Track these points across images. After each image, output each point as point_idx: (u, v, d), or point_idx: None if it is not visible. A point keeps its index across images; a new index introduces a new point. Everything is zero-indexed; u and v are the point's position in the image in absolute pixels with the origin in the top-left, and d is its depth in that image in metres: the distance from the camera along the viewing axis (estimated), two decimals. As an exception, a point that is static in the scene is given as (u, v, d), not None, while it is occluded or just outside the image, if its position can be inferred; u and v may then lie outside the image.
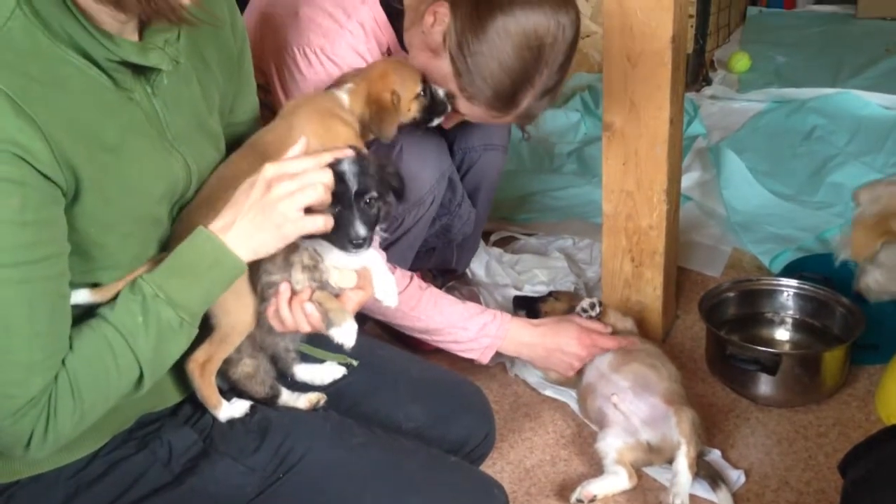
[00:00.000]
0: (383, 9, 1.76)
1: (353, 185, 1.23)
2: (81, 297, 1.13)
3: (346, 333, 1.28)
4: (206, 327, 1.27)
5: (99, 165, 1.08)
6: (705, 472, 1.68)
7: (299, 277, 1.29)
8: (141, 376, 1.13)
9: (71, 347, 1.08)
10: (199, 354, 1.28)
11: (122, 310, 1.12)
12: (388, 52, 1.79)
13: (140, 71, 1.15)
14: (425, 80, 1.66)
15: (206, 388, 1.30)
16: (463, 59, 1.61)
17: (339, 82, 1.62)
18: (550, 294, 2.15)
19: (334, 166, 1.22)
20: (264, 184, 1.17)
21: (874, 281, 2.08)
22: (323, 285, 1.31)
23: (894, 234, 2.03)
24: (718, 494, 1.66)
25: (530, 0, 1.58)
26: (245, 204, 1.17)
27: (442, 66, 1.65)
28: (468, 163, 2.15)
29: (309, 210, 1.18)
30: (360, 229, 1.23)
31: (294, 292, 1.29)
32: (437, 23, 1.63)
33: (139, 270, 1.17)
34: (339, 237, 1.23)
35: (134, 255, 1.17)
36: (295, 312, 1.29)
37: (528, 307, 2.11)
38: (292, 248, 1.27)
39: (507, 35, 1.57)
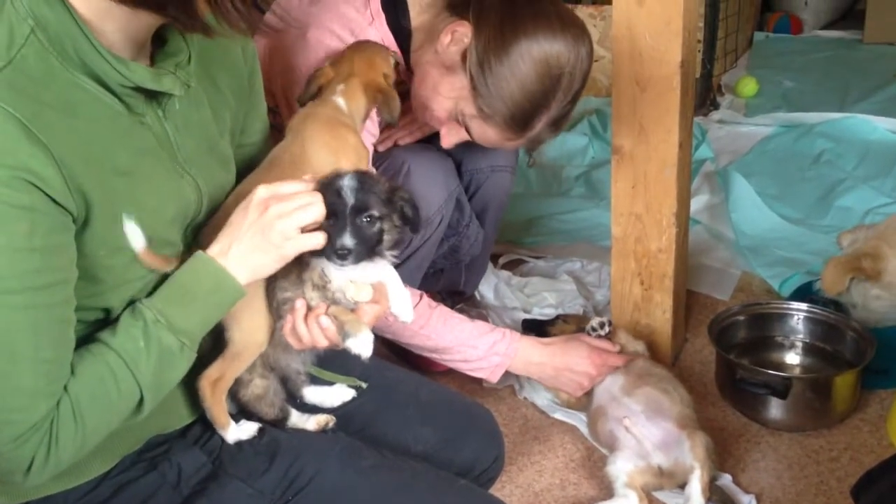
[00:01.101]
0: (390, 28, 1.77)
1: (350, 200, 1.23)
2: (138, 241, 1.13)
3: (363, 344, 1.27)
4: (220, 344, 1.27)
5: (110, 190, 1.08)
6: (718, 497, 1.67)
7: (312, 294, 1.29)
8: (141, 400, 1.13)
9: (73, 373, 1.08)
10: (212, 372, 1.28)
11: (123, 335, 1.11)
12: (397, 72, 1.80)
13: (152, 96, 1.15)
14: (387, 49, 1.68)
15: (216, 406, 1.29)
16: (483, 79, 1.62)
17: (319, 80, 1.59)
18: (559, 317, 2.14)
19: (334, 180, 1.23)
20: (260, 204, 1.17)
21: (854, 311, 2.16)
22: (336, 301, 1.31)
23: (863, 271, 2.13)
24: None
25: (553, 27, 1.61)
26: (242, 225, 1.17)
27: (455, 83, 1.67)
28: (476, 184, 2.16)
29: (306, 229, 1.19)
30: (346, 240, 1.22)
31: (310, 308, 1.29)
32: (454, 42, 1.65)
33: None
34: (327, 248, 1.23)
35: (141, 275, 1.16)
36: (311, 327, 1.29)
37: (537, 330, 2.11)
38: (304, 266, 1.28)
39: (530, 59, 1.60)
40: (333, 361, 1.48)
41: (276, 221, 1.16)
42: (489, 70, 1.61)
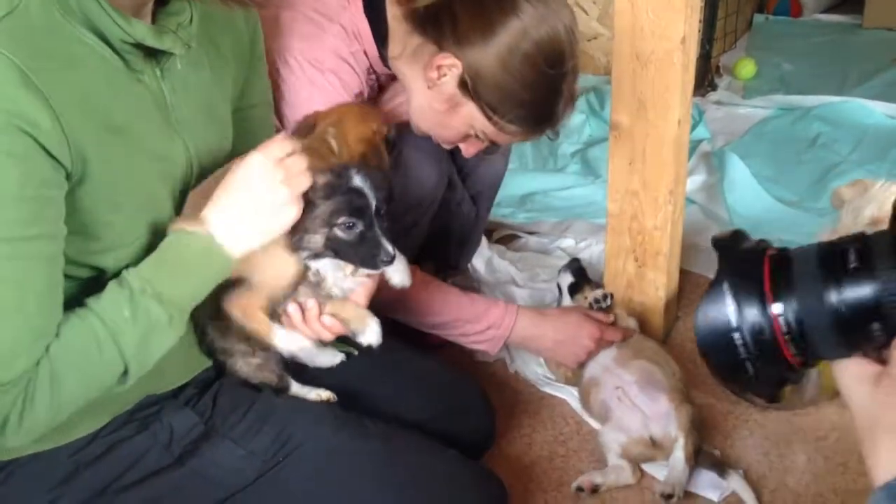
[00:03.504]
0: (367, 17, 1.70)
1: (372, 201, 1.24)
2: None
3: (371, 334, 1.31)
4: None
5: (106, 145, 1.07)
6: (710, 461, 1.69)
7: (304, 291, 1.30)
8: (125, 371, 1.10)
9: (57, 334, 1.05)
10: (239, 300, 1.26)
11: (108, 303, 1.09)
12: (370, 64, 1.75)
13: (151, 54, 1.15)
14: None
15: (254, 324, 1.27)
16: (491, 99, 1.57)
17: (310, 120, 1.59)
18: (600, 287, 2.08)
19: (347, 179, 1.24)
20: (260, 169, 1.15)
21: None
22: (330, 295, 1.32)
23: None
24: (730, 481, 1.67)
25: (532, 14, 1.53)
26: (239, 190, 1.16)
27: (463, 112, 1.62)
28: (469, 168, 2.15)
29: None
30: (389, 247, 1.25)
31: (304, 309, 1.30)
32: (443, 73, 1.58)
33: None
34: (368, 256, 1.25)
35: (137, 235, 1.16)
36: (312, 327, 1.30)
37: (578, 277, 2.08)
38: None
39: (529, 62, 1.54)
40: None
41: (279, 187, 1.15)
42: (494, 89, 1.55)
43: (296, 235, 1.23)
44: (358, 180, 1.25)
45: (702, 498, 1.67)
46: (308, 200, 1.21)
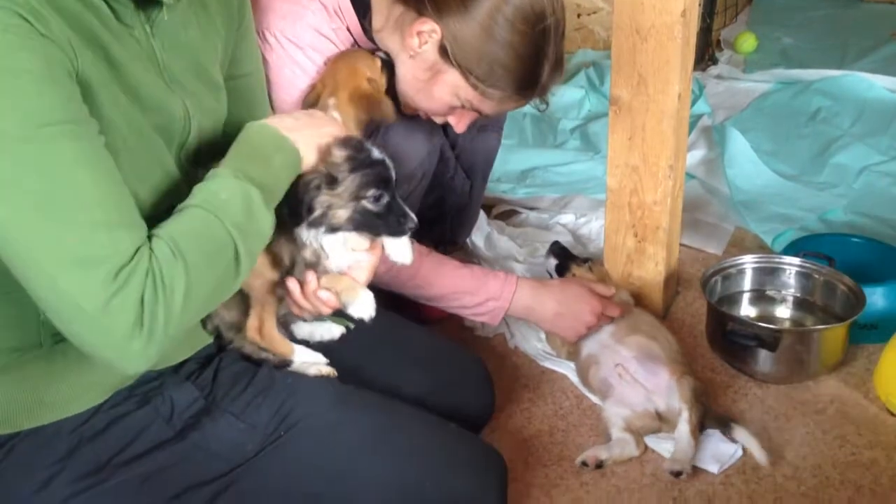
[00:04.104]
0: None
1: (392, 173, 1.28)
2: None
3: (362, 306, 1.32)
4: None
5: (105, 72, 1.06)
6: (714, 421, 1.71)
7: (302, 269, 1.32)
8: (237, 253, 1.10)
9: (157, 224, 1.05)
10: (252, 322, 1.33)
11: (201, 194, 1.10)
12: (354, 40, 1.73)
13: (140, 6, 1.13)
14: (375, 53, 1.65)
15: (272, 345, 1.35)
16: (473, 65, 1.55)
17: (311, 98, 1.59)
18: (588, 260, 2.09)
19: (368, 152, 1.27)
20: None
21: None
22: (328, 270, 1.33)
23: None
24: (736, 436, 1.69)
25: None
26: (292, 112, 1.25)
27: (447, 81, 1.60)
28: (462, 145, 2.13)
29: None
30: (412, 214, 1.30)
31: (303, 284, 1.32)
32: (424, 41, 1.57)
33: None
34: (395, 225, 1.30)
35: (135, 190, 1.12)
36: (312, 300, 1.33)
37: (561, 258, 2.08)
38: (297, 247, 1.31)
39: (509, 24, 1.51)
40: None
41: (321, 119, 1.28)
42: (475, 54, 1.53)
43: (313, 213, 1.25)
44: (377, 152, 1.28)
45: (700, 471, 1.68)
46: (329, 177, 1.24)
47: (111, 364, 1.02)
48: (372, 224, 1.29)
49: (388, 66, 1.65)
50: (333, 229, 1.28)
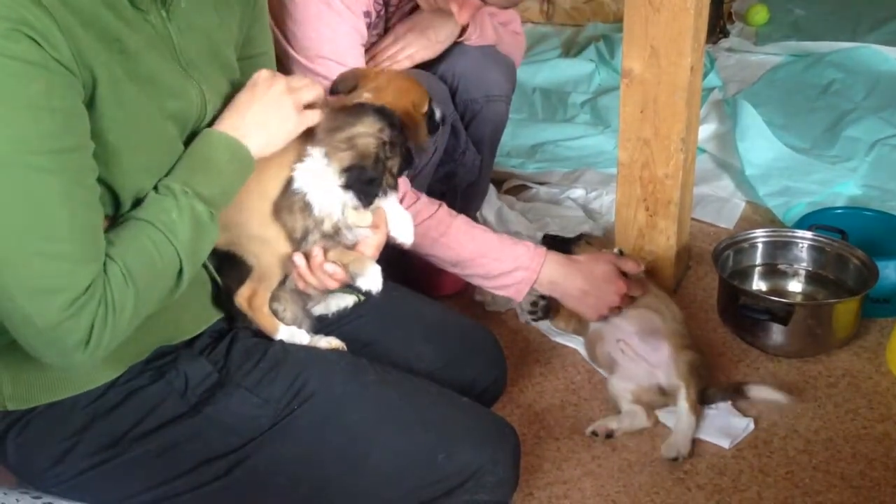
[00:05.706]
0: None
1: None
2: None
3: (371, 278, 1.32)
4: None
5: (116, 66, 1.07)
6: (723, 393, 1.74)
7: (315, 242, 1.32)
8: (181, 270, 1.14)
9: (112, 242, 1.08)
10: (244, 290, 1.33)
11: (154, 208, 1.13)
12: None
13: None
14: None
15: (259, 318, 1.34)
16: None
17: (354, 78, 1.53)
18: (582, 236, 2.06)
19: (391, 116, 1.31)
20: (266, 81, 1.23)
21: None
22: (336, 243, 1.33)
23: None
24: (751, 395, 1.73)
25: None
26: (251, 101, 1.22)
27: None
28: (471, 114, 2.11)
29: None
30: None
31: (309, 258, 1.32)
32: None
33: None
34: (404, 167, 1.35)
35: (143, 179, 1.15)
36: (318, 275, 1.33)
37: (558, 248, 2.01)
38: (311, 221, 1.31)
39: None
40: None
41: (283, 96, 1.22)
42: None
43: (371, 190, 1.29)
44: (391, 113, 1.33)
45: (711, 445, 1.68)
46: (376, 157, 1.28)
47: (52, 365, 1.10)
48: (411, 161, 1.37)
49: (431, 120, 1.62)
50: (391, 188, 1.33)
